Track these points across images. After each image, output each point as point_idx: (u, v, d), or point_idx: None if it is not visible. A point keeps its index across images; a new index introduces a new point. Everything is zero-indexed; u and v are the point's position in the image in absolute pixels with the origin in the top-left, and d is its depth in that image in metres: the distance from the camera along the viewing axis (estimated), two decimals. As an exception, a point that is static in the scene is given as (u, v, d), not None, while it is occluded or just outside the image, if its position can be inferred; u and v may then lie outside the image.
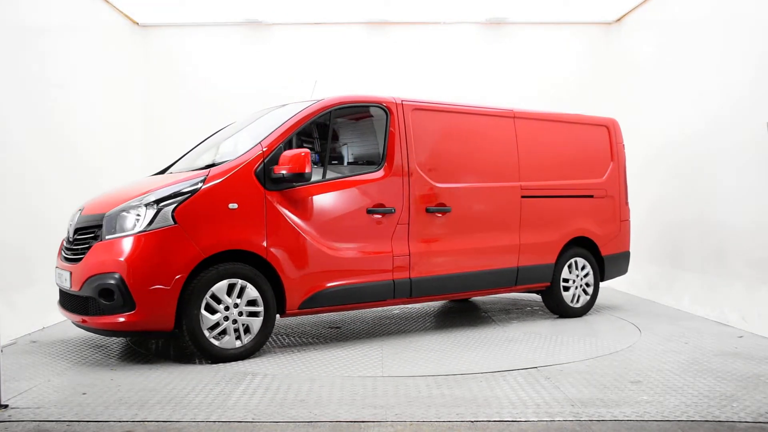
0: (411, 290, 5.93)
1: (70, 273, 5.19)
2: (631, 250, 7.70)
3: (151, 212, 4.90)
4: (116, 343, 5.88)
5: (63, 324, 6.75)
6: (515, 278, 6.60)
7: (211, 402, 4.07)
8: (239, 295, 5.07)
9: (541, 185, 6.82)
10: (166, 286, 4.81)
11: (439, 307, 7.78)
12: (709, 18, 7.45)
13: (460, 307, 7.82)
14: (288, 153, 5.22)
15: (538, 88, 9.86)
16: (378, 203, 5.76)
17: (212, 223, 5.00)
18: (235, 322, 5.07)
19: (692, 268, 7.64)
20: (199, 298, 4.91)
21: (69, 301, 5.31)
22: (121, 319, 4.82)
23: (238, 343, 5.08)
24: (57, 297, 5.68)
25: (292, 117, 5.56)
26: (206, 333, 4.95)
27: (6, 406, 3.98)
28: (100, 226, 5.08)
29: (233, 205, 5.08)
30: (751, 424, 3.65)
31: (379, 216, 5.77)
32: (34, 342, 5.93)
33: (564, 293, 6.96)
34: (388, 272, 5.79)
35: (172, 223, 4.89)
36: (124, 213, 4.98)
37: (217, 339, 5.01)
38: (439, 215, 6.10)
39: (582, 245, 7.13)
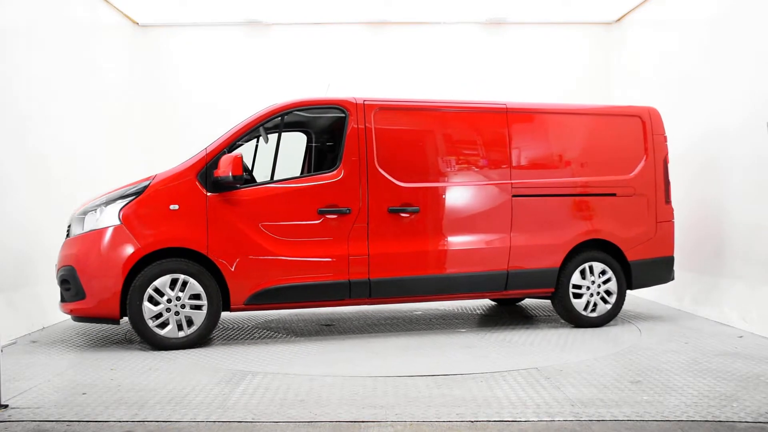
0: (370, 291, 5.89)
1: (56, 266, 5.86)
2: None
3: (102, 213, 5.57)
4: (116, 343, 5.89)
5: (63, 324, 6.76)
6: (504, 282, 6.22)
7: (211, 402, 4.08)
8: (182, 290, 5.50)
9: (539, 183, 6.35)
10: (110, 278, 5.42)
11: (464, 308, 7.79)
12: (710, 17, 7.44)
13: (481, 311, 7.81)
14: (224, 157, 5.54)
15: (538, 88, 9.86)
16: (331, 203, 5.79)
17: (153, 223, 5.52)
18: (177, 314, 5.51)
19: (692, 268, 7.63)
20: (142, 291, 5.43)
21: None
22: (76, 307, 5.54)
23: (181, 334, 5.54)
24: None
25: (240, 122, 5.85)
26: (149, 322, 5.45)
27: (6, 406, 3.99)
28: None
29: (174, 206, 5.53)
30: (751, 424, 3.65)
31: (333, 216, 5.78)
32: (34, 342, 5.94)
33: (575, 300, 6.38)
34: (343, 272, 5.79)
35: (118, 222, 5.48)
36: (85, 213, 5.70)
37: (161, 328, 5.48)
38: (405, 215, 5.96)
39: (603, 249, 6.51)
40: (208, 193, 5.60)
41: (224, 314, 7.34)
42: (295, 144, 7.06)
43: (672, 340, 5.85)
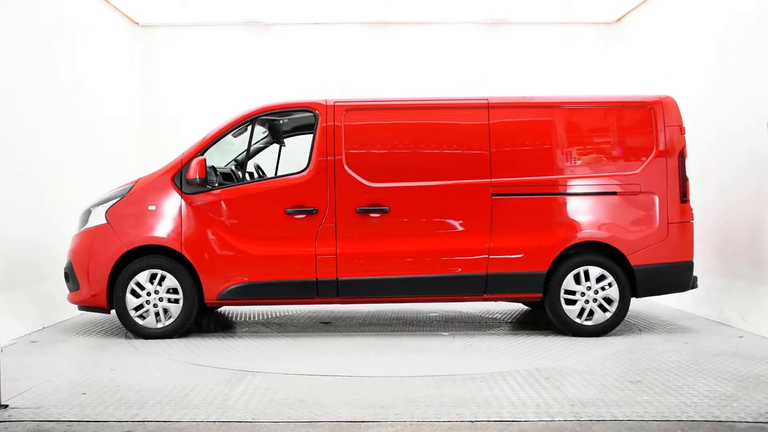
0: (338, 290, 5.95)
1: None
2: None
3: (94, 212, 6.10)
4: (116, 343, 5.89)
5: (63, 324, 6.76)
6: (484, 286, 5.97)
7: (211, 402, 4.08)
8: (161, 284, 5.94)
9: (524, 182, 6.01)
10: (98, 272, 5.93)
11: (488, 311, 7.78)
12: (710, 18, 7.45)
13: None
14: (193, 161, 5.90)
15: (538, 88, 9.84)
16: (298, 203, 5.92)
17: (134, 222, 5.98)
18: (156, 306, 5.95)
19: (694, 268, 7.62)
20: (126, 284, 5.93)
21: None
22: (74, 297, 6.10)
23: (159, 325, 5.97)
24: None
25: (214, 127, 6.17)
26: (132, 313, 5.94)
27: (6, 406, 3.99)
28: None
29: (152, 207, 5.98)
30: (751, 424, 3.66)
31: (301, 216, 5.91)
32: (34, 342, 5.94)
33: (567, 307, 5.98)
34: (310, 271, 5.90)
35: (104, 221, 5.99)
36: (85, 212, 6.21)
37: (142, 318, 5.95)
38: (375, 216, 5.93)
39: (604, 252, 6.04)
40: (183, 195, 5.97)
41: (224, 314, 7.37)
42: (267, 147, 7.15)
43: (672, 340, 5.85)
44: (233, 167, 6.63)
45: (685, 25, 8.05)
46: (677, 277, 6.13)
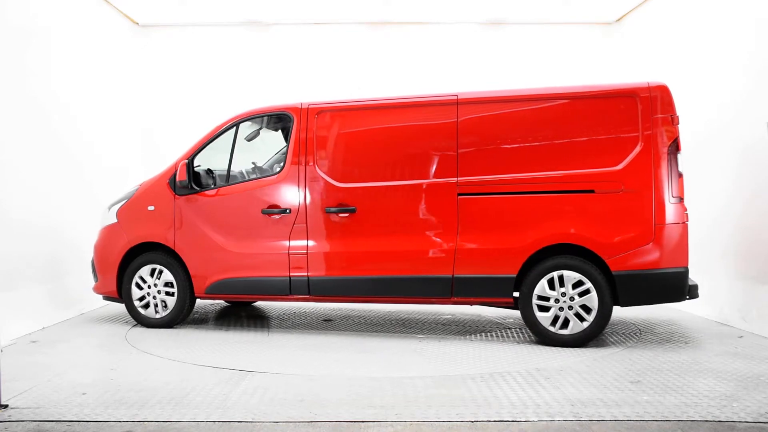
0: (309, 289, 6.09)
1: None
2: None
3: (110, 211, 6.72)
4: (116, 343, 5.90)
5: (63, 324, 6.76)
6: (450, 288, 5.76)
7: (211, 402, 4.08)
8: (159, 278, 6.46)
9: (492, 180, 5.71)
10: (109, 266, 6.57)
11: (506, 315, 7.77)
12: (710, 17, 7.45)
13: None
14: (180, 164, 6.36)
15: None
16: (272, 204, 6.17)
17: (137, 221, 6.54)
18: (155, 298, 6.48)
19: (692, 268, 7.61)
20: (131, 277, 6.52)
21: None
22: (95, 287, 6.74)
23: (158, 315, 6.49)
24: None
25: (204, 134, 6.53)
26: (136, 303, 6.52)
27: (6, 406, 3.99)
28: None
29: (151, 207, 6.51)
30: (751, 424, 3.66)
31: (276, 216, 6.15)
32: (34, 342, 5.94)
33: (539, 314, 5.60)
34: (284, 269, 6.12)
35: (115, 220, 6.63)
36: (106, 209, 6.79)
37: (145, 308, 6.51)
38: (343, 216, 5.98)
39: (582, 256, 5.57)
40: (176, 196, 6.41)
41: (225, 313, 7.36)
42: (267, 147, 7.18)
43: (672, 340, 5.85)
44: (246, 169, 6.71)
45: (685, 25, 8.04)
46: (668, 285, 5.52)
